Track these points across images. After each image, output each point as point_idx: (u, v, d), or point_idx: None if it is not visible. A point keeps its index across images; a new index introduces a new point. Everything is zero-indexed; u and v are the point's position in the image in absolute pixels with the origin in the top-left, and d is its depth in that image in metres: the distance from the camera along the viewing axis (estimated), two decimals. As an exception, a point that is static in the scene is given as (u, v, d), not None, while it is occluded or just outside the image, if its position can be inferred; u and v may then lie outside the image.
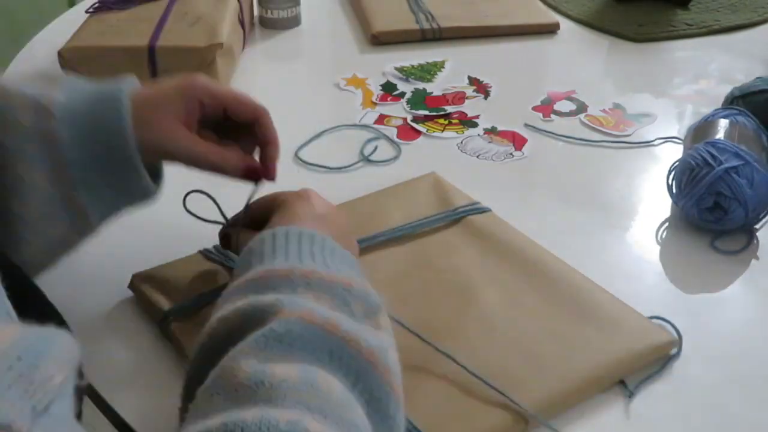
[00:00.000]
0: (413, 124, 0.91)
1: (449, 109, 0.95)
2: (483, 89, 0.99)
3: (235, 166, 0.59)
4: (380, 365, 0.42)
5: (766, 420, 0.55)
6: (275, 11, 1.14)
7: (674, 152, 0.85)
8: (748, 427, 0.55)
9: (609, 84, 1.04)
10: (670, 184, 0.75)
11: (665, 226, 0.75)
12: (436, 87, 1.00)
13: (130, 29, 0.94)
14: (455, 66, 1.05)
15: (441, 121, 0.92)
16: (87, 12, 0.98)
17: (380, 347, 0.43)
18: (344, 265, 0.50)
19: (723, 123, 0.78)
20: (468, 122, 0.92)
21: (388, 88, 0.99)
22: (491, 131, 0.90)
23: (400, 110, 0.94)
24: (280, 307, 0.43)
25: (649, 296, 0.66)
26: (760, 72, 0.99)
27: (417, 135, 0.89)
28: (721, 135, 0.75)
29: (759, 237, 0.73)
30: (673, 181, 0.75)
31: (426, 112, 0.94)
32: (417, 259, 0.66)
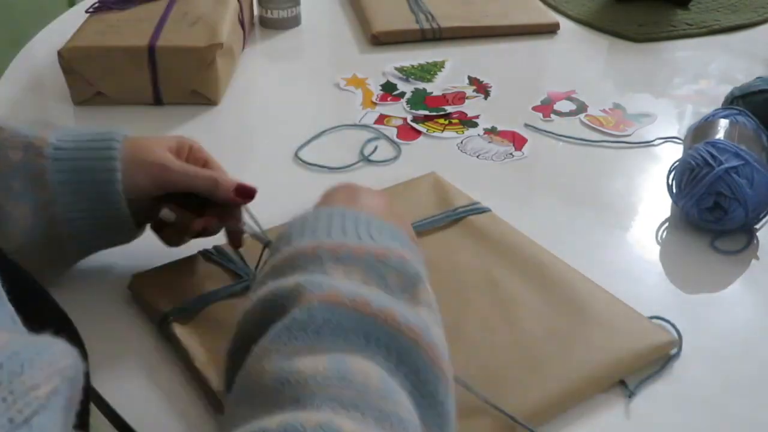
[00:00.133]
0: (413, 124, 0.91)
1: (449, 109, 0.95)
2: (483, 89, 0.99)
3: (228, 185, 0.61)
4: (423, 343, 0.38)
5: (766, 420, 0.55)
6: (275, 11, 1.14)
7: (674, 152, 0.85)
8: (748, 428, 0.55)
9: (609, 84, 1.04)
10: (670, 184, 0.75)
11: (665, 226, 0.75)
12: (436, 87, 1.00)
13: (130, 29, 0.93)
14: (455, 66, 1.05)
15: (441, 121, 0.92)
16: (87, 12, 0.98)
17: (420, 323, 0.39)
18: (384, 237, 0.45)
19: (723, 123, 0.78)
20: (468, 122, 0.92)
21: (388, 88, 0.99)
22: (491, 131, 0.90)
23: (400, 110, 0.94)
24: (302, 291, 0.40)
25: (649, 296, 0.66)
26: (760, 72, 1.00)
27: (417, 135, 0.89)
28: (721, 135, 0.75)
29: (759, 237, 0.73)
30: (673, 181, 0.75)
31: (426, 112, 0.94)
32: (417, 259, 0.66)
